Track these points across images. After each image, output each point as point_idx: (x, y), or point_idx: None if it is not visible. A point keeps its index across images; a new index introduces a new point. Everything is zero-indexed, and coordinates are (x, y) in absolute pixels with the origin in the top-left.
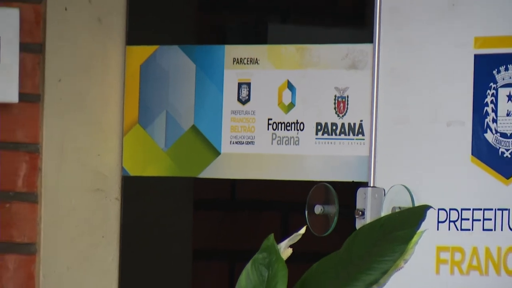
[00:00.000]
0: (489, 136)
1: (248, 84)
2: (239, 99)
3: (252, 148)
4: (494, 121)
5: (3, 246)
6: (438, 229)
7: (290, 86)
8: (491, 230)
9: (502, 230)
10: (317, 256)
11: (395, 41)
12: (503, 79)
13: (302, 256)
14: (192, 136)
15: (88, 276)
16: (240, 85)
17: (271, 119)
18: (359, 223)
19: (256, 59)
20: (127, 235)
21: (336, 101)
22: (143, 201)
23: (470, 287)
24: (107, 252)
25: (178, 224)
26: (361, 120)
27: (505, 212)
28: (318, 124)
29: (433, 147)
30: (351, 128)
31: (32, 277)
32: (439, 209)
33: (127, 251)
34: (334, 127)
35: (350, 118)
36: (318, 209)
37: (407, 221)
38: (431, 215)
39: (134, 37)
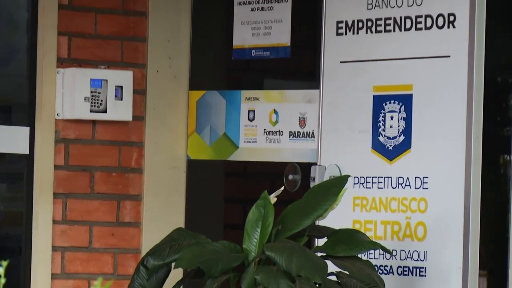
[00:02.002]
0: (381, 138)
1: (253, 111)
2: (248, 119)
3: (255, 145)
4: (383, 130)
5: (124, 197)
6: (354, 187)
7: (275, 112)
8: (382, 188)
9: (388, 188)
10: (289, 202)
11: (331, 88)
12: (388, 108)
13: (282, 202)
14: (224, 138)
15: (168, 213)
16: (249, 111)
17: (265, 129)
18: (312, 184)
19: (257, 97)
20: (189, 191)
21: (300, 120)
22: (198, 172)
23: (371, 218)
24: (179, 200)
25: (216, 184)
26: (313, 130)
27: (389, 179)
28: (290, 132)
29: (351, 144)
30: (308, 134)
31: (139, 213)
32: (354, 177)
33: (190, 200)
34: (298, 133)
35: (307, 128)
36: (290, 177)
37: (337, 183)
38: (350, 180)
39: (193, 86)
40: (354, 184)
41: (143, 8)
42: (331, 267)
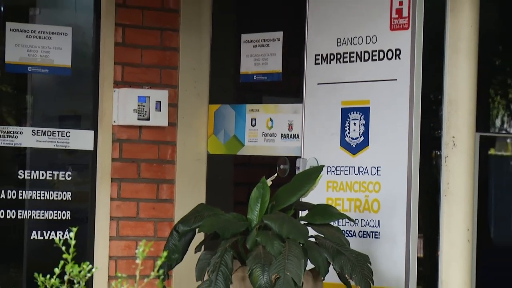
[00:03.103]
0: (347, 138)
1: (255, 119)
2: (251, 125)
3: (256, 143)
4: (349, 133)
5: (161, 181)
6: (327, 174)
7: (271, 120)
8: (347, 174)
9: (352, 174)
10: (281, 184)
11: (311, 102)
12: (352, 117)
13: (276, 185)
14: (233, 138)
15: (193, 193)
16: (251, 119)
17: (264, 132)
18: (297, 172)
19: (258, 109)
20: (209, 177)
21: (288, 125)
22: (215, 164)
23: (339, 196)
24: (201, 183)
25: (228, 172)
26: (298, 132)
27: (352, 168)
28: (281, 134)
29: (325, 143)
30: (294, 135)
31: (172, 192)
32: (327, 166)
33: (209, 183)
34: (287, 135)
35: (294, 131)
36: (282, 166)
37: (315, 171)
38: (324, 169)
39: (212, 101)
40: (327, 171)
41: (175, 45)
42: (311, 231)
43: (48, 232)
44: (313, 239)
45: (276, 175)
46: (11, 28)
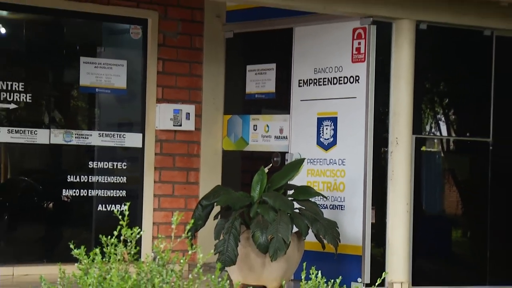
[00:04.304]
0: (321, 139)
1: (256, 125)
2: (253, 129)
3: (257, 143)
4: (322, 135)
5: (190, 169)
6: (307, 164)
7: (267, 126)
8: (322, 164)
9: (324, 164)
10: (275, 171)
11: (296, 113)
12: (325, 124)
13: (271, 172)
14: (241, 139)
15: (212, 177)
16: (253, 125)
17: (262, 134)
18: (286, 163)
19: (258, 118)
20: (223, 167)
21: (280, 130)
22: (228, 157)
23: (316, 180)
24: (218, 171)
25: (237, 163)
26: (287, 135)
27: (325, 159)
28: (275, 136)
29: (306, 142)
30: (284, 137)
31: (198, 177)
32: (307, 159)
33: (224, 171)
34: (279, 137)
35: (284, 134)
36: (275, 159)
37: (299, 162)
38: (305, 161)
39: (226, 112)
40: (307, 162)
41: (200, 73)
42: (296, 205)
43: (110, 205)
44: (297, 210)
45: (271, 165)
46: (84, 61)
